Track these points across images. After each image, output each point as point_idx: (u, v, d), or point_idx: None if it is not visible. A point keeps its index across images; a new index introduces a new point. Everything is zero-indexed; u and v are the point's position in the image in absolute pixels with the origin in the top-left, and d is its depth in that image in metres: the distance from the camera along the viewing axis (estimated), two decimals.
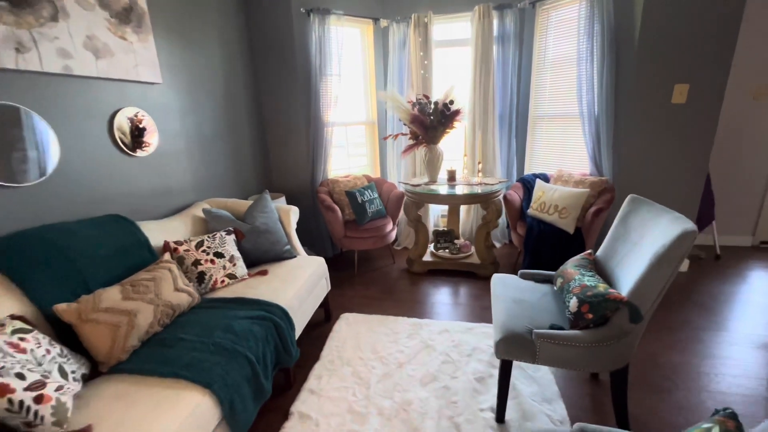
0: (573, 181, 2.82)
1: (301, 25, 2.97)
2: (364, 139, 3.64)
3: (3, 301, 1.18)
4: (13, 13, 1.34)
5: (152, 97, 2.02)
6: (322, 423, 1.59)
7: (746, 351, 1.88)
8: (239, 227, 2.07)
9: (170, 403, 1.12)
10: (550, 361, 1.37)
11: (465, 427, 1.54)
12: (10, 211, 1.38)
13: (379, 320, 2.37)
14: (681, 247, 1.16)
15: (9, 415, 0.94)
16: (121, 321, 1.31)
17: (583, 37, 2.69)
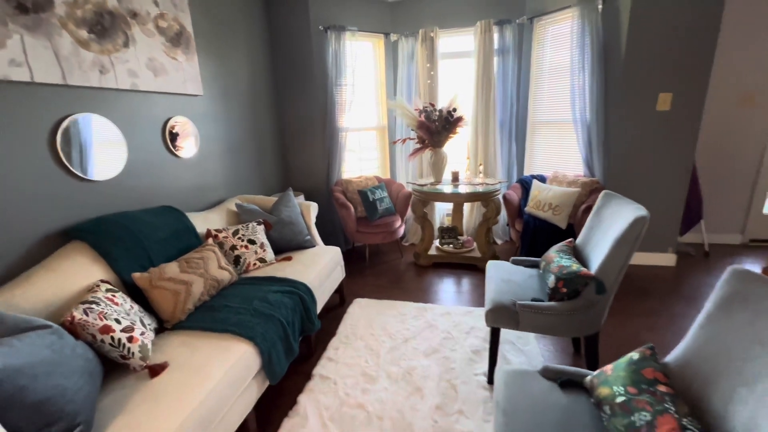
0: (567, 181, 3.08)
1: (319, 40, 3.30)
2: (375, 143, 3.95)
3: (93, 269, 1.51)
4: (98, 43, 1.69)
5: (195, 107, 2.37)
6: (339, 382, 1.88)
7: None
8: (267, 219, 2.39)
9: (223, 350, 1.42)
10: (530, 327, 1.64)
11: (461, 387, 1.81)
12: (93, 200, 1.71)
13: (388, 305, 2.66)
14: (634, 230, 1.43)
15: (111, 348, 1.25)
16: (180, 289, 1.63)
17: (576, 49, 2.95)
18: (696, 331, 0.99)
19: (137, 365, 1.30)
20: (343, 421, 1.64)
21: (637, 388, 0.93)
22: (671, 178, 2.91)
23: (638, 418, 0.86)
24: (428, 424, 1.61)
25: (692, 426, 0.79)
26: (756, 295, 0.86)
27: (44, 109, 1.51)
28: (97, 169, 1.72)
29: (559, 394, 1.12)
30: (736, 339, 0.86)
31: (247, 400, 1.47)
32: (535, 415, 1.04)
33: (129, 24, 1.84)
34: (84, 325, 1.21)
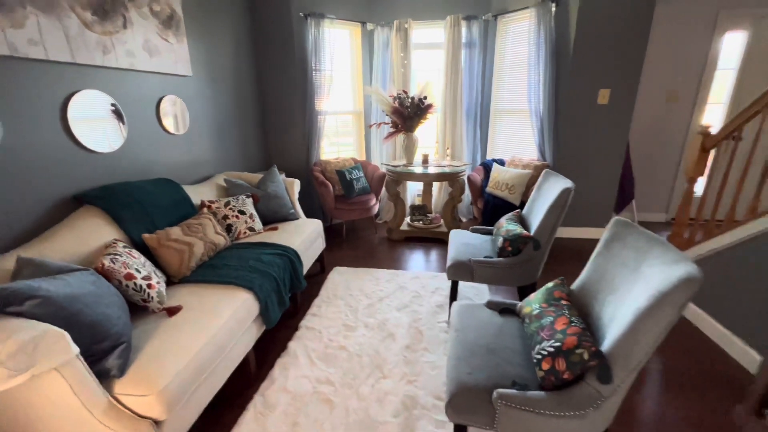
0: (522, 164, 3.49)
1: (300, 27, 3.47)
2: (352, 127, 4.19)
3: (107, 229, 1.71)
4: (100, 24, 1.83)
5: (185, 88, 2.52)
6: (323, 332, 2.19)
7: None
8: (255, 193, 2.61)
9: (227, 297, 1.68)
10: (483, 279, 2.01)
11: (426, 332, 2.18)
12: (98, 170, 1.88)
13: (364, 272, 2.98)
14: (561, 198, 1.82)
15: (134, 292, 1.49)
16: (184, 248, 1.86)
17: (532, 46, 3.32)
18: (589, 264, 1.38)
19: (156, 307, 1.54)
20: (327, 359, 1.96)
21: (547, 304, 1.31)
22: (607, 163, 3.39)
23: (545, 321, 1.23)
24: (399, 358, 1.96)
25: (577, 320, 1.17)
26: (625, 234, 1.25)
27: (56, 84, 1.66)
28: (100, 142, 1.88)
29: (498, 318, 1.49)
30: (611, 264, 1.25)
31: (248, 339, 1.75)
32: (478, 329, 1.39)
33: (127, 7, 1.98)
34: (112, 272, 1.44)
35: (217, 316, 1.55)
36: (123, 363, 1.20)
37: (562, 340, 1.10)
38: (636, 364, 0.99)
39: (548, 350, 1.11)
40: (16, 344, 0.94)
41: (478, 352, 1.27)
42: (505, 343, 1.32)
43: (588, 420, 1.03)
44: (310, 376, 1.84)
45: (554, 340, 1.12)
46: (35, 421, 1.14)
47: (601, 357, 1.03)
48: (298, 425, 1.56)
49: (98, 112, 1.87)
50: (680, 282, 0.90)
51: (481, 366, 1.20)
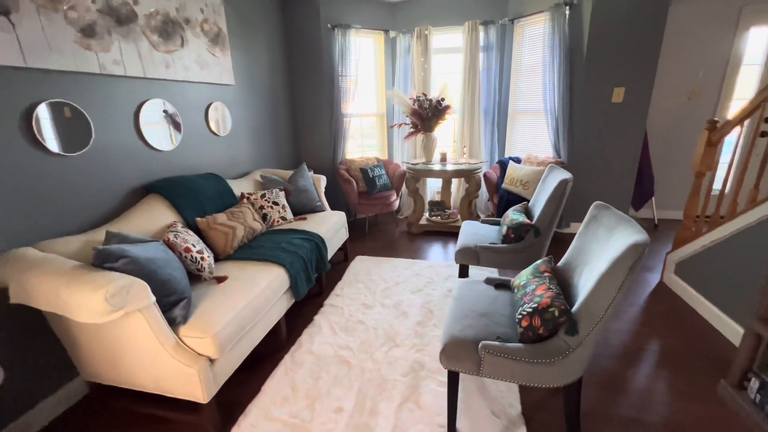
0: (537, 162, 3.63)
1: (327, 37, 3.80)
2: (375, 127, 4.48)
3: (168, 213, 2.08)
4: (164, 44, 2.22)
5: (228, 95, 2.90)
6: (345, 309, 2.47)
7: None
8: (287, 187, 2.95)
9: (264, 271, 2.00)
10: (488, 263, 2.22)
11: (436, 312, 2.40)
12: (160, 165, 2.27)
13: (384, 260, 3.24)
14: (559, 188, 2.00)
15: (191, 263, 1.83)
16: (228, 231, 2.20)
17: (547, 48, 3.46)
18: (573, 243, 1.57)
19: (207, 276, 1.88)
20: (347, 330, 2.24)
21: (533, 276, 1.51)
22: (623, 160, 3.47)
23: (528, 288, 1.44)
24: (410, 331, 2.20)
25: (554, 287, 1.37)
26: (602, 215, 1.43)
27: (132, 95, 2.05)
28: (163, 142, 2.27)
29: (493, 291, 1.70)
30: (588, 241, 1.44)
31: (280, 308, 2.05)
32: (474, 299, 1.62)
33: (184, 28, 2.36)
34: (175, 245, 1.79)
35: (256, 285, 1.86)
36: (185, 313, 1.53)
37: (539, 302, 1.31)
38: (598, 318, 1.18)
39: (527, 310, 1.32)
40: (115, 288, 1.27)
41: (471, 315, 1.49)
42: (496, 309, 1.53)
43: (557, 367, 1.24)
44: (332, 343, 2.12)
45: (533, 302, 1.33)
46: (124, 349, 1.48)
47: (569, 313, 1.23)
48: (321, 379, 1.84)
49: (161, 117, 2.25)
50: (628, 248, 1.09)
51: (472, 325, 1.43)
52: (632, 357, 1.94)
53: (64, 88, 1.71)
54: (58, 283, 1.28)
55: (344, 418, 1.60)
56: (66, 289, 1.26)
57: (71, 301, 1.26)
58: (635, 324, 2.22)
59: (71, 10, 1.69)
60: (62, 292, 1.26)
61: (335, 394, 1.74)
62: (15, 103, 1.52)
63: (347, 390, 1.76)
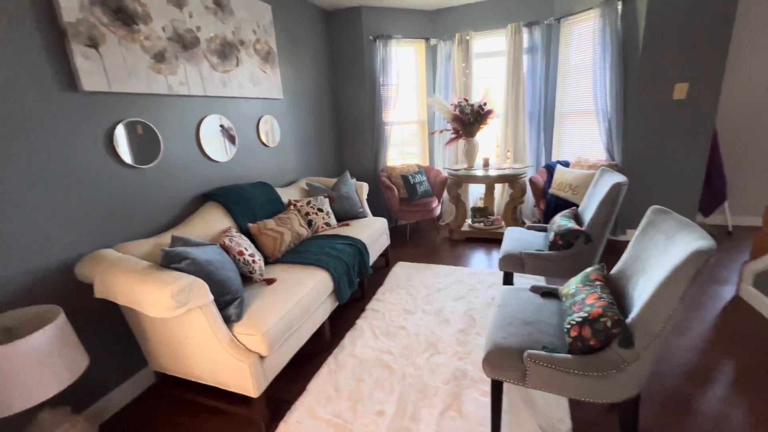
0: (587, 165, 3.44)
1: (369, 48, 3.92)
2: (416, 134, 4.51)
3: (224, 219, 2.25)
4: (222, 65, 2.42)
5: (277, 108, 3.09)
6: (386, 314, 2.50)
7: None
8: (331, 194, 3.06)
9: (309, 274, 2.08)
10: (533, 270, 2.14)
11: (479, 320, 2.35)
12: (217, 175, 2.46)
13: (425, 267, 3.24)
14: (612, 193, 1.88)
15: (243, 265, 1.96)
16: (277, 236, 2.33)
17: (598, 46, 3.30)
18: (627, 250, 1.47)
19: (258, 277, 2.00)
20: (389, 335, 2.26)
21: (583, 284, 1.44)
22: (688, 162, 3.18)
23: (578, 297, 1.37)
24: (452, 339, 2.17)
25: (606, 296, 1.29)
26: (659, 220, 1.33)
27: (194, 112, 2.26)
28: (219, 153, 2.46)
29: (539, 299, 1.63)
30: (645, 248, 1.34)
31: (324, 310, 2.13)
32: (518, 306, 1.57)
33: (239, 49, 2.57)
34: (230, 248, 1.93)
35: (302, 287, 1.94)
36: (239, 312, 1.64)
37: (589, 311, 1.24)
38: (656, 331, 1.10)
39: (576, 320, 1.26)
40: (180, 286, 1.41)
41: (515, 323, 1.45)
42: (542, 318, 1.48)
43: (611, 381, 1.16)
44: (374, 347, 2.15)
45: (582, 312, 1.27)
46: (186, 343, 1.62)
47: (623, 324, 1.16)
48: (362, 381, 1.87)
49: (218, 131, 2.45)
50: (690, 255, 1.01)
51: (516, 333, 1.39)
52: (702, 377, 1.76)
53: (139, 108, 1.93)
54: (133, 280, 1.44)
55: (386, 422, 1.61)
56: (139, 286, 1.41)
57: (143, 297, 1.41)
58: (705, 341, 2.02)
59: (146, 40, 1.91)
60: (136, 288, 1.42)
61: (377, 397, 1.76)
62: (101, 123, 1.75)
63: (388, 394, 1.78)
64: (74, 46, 1.59)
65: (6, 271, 1.43)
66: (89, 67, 1.65)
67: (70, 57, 1.60)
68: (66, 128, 1.61)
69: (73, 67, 1.61)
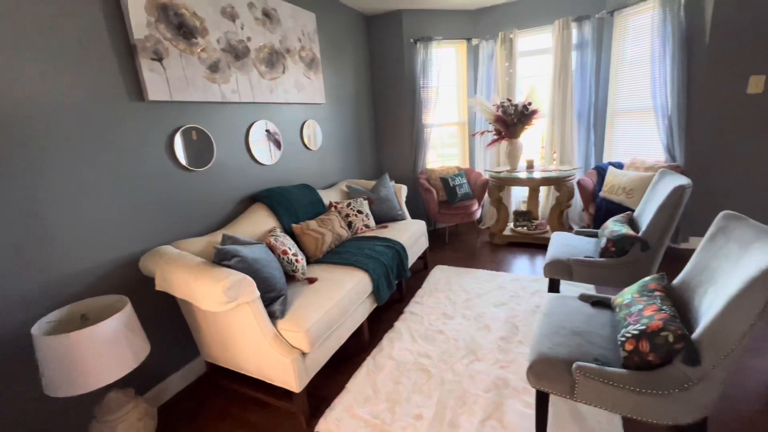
0: (644, 167, 3.20)
1: (410, 51, 3.92)
2: (456, 136, 4.44)
3: (269, 219, 2.35)
4: (269, 73, 2.54)
5: (319, 113, 3.18)
6: (425, 317, 2.48)
7: None
8: (370, 196, 3.09)
9: (349, 275, 2.12)
10: (582, 278, 2.02)
11: (522, 328, 2.26)
12: (263, 177, 2.58)
13: (464, 271, 3.17)
14: (673, 197, 1.74)
15: (287, 264, 2.03)
16: (318, 237, 2.39)
17: (657, 39, 3.06)
18: (693, 259, 1.34)
19: (300, 276, 2.07)
20: (427, 338, 2.23)
21: (639, 294, 1.34)
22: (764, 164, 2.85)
23: (634, 308, 1.28)
24: (493, 346, 2.11)
25: (668, 308, 1.19)
26: (732, 227, 1.21)
27: (244, 118, 2.39)
28: (266, 157, 2.58)
29: (589, 309, 1.54)
30: (714, 257, 1.22)
31: (363, 311, 2.15)
32: (566, 315, 1.49)
33: (285, 57, 2.68)
34: (275, 247, 2.01)
35: (342, 288, 1.98)
36: (283, 308, 1.71)
37: (648, 324, 1.15)
38: (728, 349, 1.00)
39: (632, 332, 1.17)
40: (230, 282, 1.49)
41: (562, 332, 1.38)
42: (592, 329, 1.39)
43: (674, 400, 1.07)
44: (412, 350, 2.14)
45: (639, 324, 1.18)
46: (234, 336, 1.72)
47: (687, 340, 1.06)
48: (400, 384, 1.87)
49: (264, 136, 2.57)
50: None
51: (564, 343, 1.32)
52: None
53: (196, 115, 2.07)
54: (189, 275, 1.54)
55: (424, 426, 1.60)
56: (194, 281, 1.51)
57: (198, 291, 1.51)
58: None
59: (203, 52, 2.05)
60: (192, 283, 1.52)
61: (415, 401, 1.75)
62: (163, 129, 1.90)
63: (426, 398, 1.76)
64: (142, 60, 1.75)
65: (83, 264, 1.59)
66: (154, 78, 1.81)
67: (139, 70, 1.75)
68: (134, 135, 1.77)
69: (141, 79, 1.77)
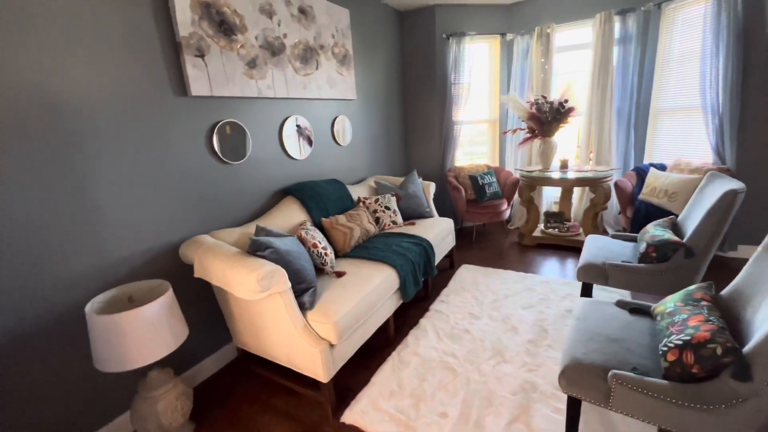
0: (689, 169, 3.02)
1: (442, 47, 3.88)
2: (485, 134, 4.36)
3: (300, 213, 2.41)
4: (303, 69, 2.59)
5: (350, 109, 3.21)
6: (450, 316, 2.46)
7: None
8: (398, 193, 3.10)
9: (377, 270, 2.13)
10: (618, 283, 1.94)
11: (551, 331, 2.20)
12: (295, 172, 2.64)
13: (492, 271, 3.12)
14: (723, 201, 1.63)
15: (316, 257, 2.07)
16: (347, 231, 2.42)
17: (709, 33, 2.87)
18: (746, 269, 1.26)
19: (329, 270, 2.10)
20: (453, 337, 2.22)
21: (683, 303, 1.27)
22: None
23: (678, 317, 1.21)
24: (521, 349, 2.07)
25: (715, 319, 1.12)
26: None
27: (278, 113, 2.45)
28: (298, 151, 2.64)
29: (626, 315, 1.48)
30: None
31: (389, 306, 2.17)
32: (601, 321, 1.44)
33: (319, 54, 2.72)
34: (305, 240, 2.06)
35: (370, 282, 2.00)
36: (312, 300, 1.75)
37: (693, 335, 1.09)
38: None
39: (675, 342, 1.12)
40: (264, 272, 1.54)
41: (597, 339, 1.33)
42: (629, 336, 1.33)
43: (719, 416, 1.01)
44: (438, 348, 2.13)
45: (684, 334, 1.12)
46: (265, 325, 1.77)
47: (737, 353, 1.00)
48: (425, 381, 1.87)
49: (294, 131, 2.62)
50: None
51: (599, 350, 1.27)
52: None
53: (233, 110, 2.14)
54: (225, 264, 1.61)
55: (449, 424, 1.59)
56: (230, 270, 1.57)
57: (233, 279, 1.57)
58: None
59: (242, 48, 2.12)
60: (228, 272, 1.58)
61: (439, 399, 1.75)
62: (203, 124, 1.98)
63: (452, 397, 1.75)
64: (186, 57, 1.83)
65: (131, 249, 1.69)
66: (197, 74, 1.88)
67: (183, 66, 1.83)
68: (177, 128, 1.86)
69: (184, 75, 1.85)
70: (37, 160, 1.38)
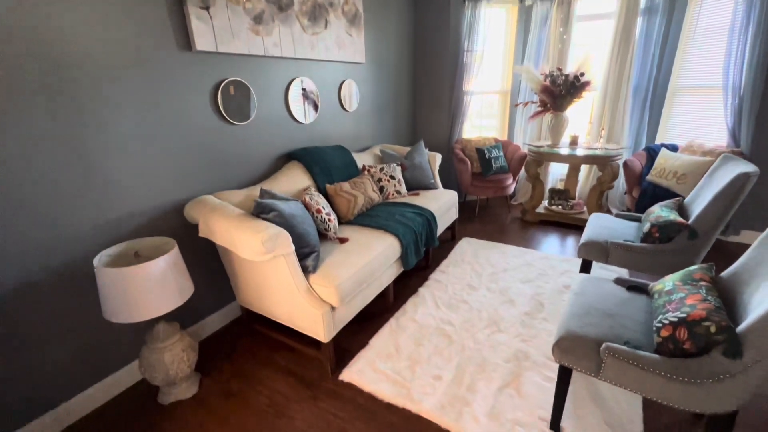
0: (702, 151, 2.96)
1: (457, 11, 3.69)
2: (495, 106, 4.24)
3: (304, 178, 2.40)
4: (311, 27, 2.48)
5: (358, 73, 3.10)
6: (449, 286, 2.51)
7: None
8: (404, 162, 3.06)
9: (379, 238, 2.15)
10: (619, 262, 1.96)
11: (548, 305, 2.25)
12: (300, 136, 2.60)
13: (492, 245, 3.14)
14: (734, 185, 1.61)
15: (320, 222, 2.08)
16: (351, 199, 2.42)
17: (740, 5, 2.72)
18: (749, 252, 1.26)
19: (332, 236, 2.12)
20: (450, 306, 2.27)
21: (682, 282, 1.28)
22: None
23: (675, 296, 1.23)
24: (516, 320, 2.12)
25: (713, 299, 1.14)
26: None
27: (285, 73, 2.38)
28: (303, 115, 2.58)
29: (623, 292, 1.50)
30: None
31: (390, 274, 2.20)
32: (599, 296, 1.46)
33: (328, 11, 2.59)
34: (309, 205, 2.06)
35: (372, 250, 2.02)
36: (315, 264, 1.78)
37: (689, 312, 1.11)
38: None
39: (671, 319, 1.14)
40: (268, 234, 1.55)
41: (594, 313, 1.36)
42: (625, 312, 1.36)
43: (706, 390, 1.05)
44: (435, 316, 2.19)
45: (680, 312, 1.14)
46: (269, 285, 1.82)
47: (731, 332, 1.02)
48: (421, 346, 1.94)
49: (299, 94, 2.55)
50: None
51: (594, 323, 1.30)
52: None
53: (239, 68, 2.08)
54: (230, 225, 1.62)
55: (442, 387, 1.67)
56: (235, 231, 1.59)
57: (238, 240, 1.59)
58: None
59: (248, 2, 2.02)
60: (233, 232, 1.60)
61: (435, 363, 1.81)
62: (208, 81, 1.93)
63: (447, 361, 1.82)
64: (191, 8, 1.75)
65: (136, 206, 1.70)
66: (201, 28, 1.81)
67: (187, 17, 1.76)
68: (181, 85, 1.81)
69: (189, 28, 1.77)
70: (43, 115, 1.36)
